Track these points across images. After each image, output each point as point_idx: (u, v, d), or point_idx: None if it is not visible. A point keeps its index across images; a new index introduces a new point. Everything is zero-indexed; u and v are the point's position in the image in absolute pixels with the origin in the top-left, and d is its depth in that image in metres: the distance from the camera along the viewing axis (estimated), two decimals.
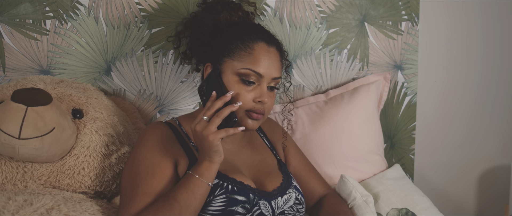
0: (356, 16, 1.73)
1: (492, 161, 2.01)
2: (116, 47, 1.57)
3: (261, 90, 1.19)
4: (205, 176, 1.10)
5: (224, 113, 1.09)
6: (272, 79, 1.21)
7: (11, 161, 1.26)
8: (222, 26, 1.29)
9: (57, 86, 1.39)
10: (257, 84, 1.20)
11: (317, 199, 1.40)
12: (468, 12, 1.90)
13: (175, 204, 1.08)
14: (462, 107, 1.96)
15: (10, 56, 1.52)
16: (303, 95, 1.73)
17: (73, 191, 1.28)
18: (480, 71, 1.95)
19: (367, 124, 1.65)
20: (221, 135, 1.08)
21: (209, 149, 1.10)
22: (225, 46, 1.22)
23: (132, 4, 1.55)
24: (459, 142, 1.98)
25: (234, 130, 1.10)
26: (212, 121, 1.09)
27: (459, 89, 1.95)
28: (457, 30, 1.91)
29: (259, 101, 1.19)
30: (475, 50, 1.93)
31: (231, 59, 1.20)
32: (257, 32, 1.24)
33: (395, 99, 1.81)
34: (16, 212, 1.06)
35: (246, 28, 1.25)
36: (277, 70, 1.22)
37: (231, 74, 1.20)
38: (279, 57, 1.24)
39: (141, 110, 1.62)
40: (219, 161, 1.11)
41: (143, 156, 1.17)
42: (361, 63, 1.75)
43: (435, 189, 1.96)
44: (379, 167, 1.65)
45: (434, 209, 1.51)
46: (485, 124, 1.98)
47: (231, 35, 1.23)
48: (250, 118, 1.19)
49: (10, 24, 1.50)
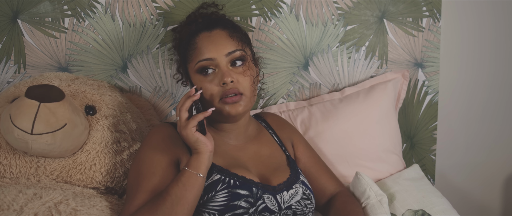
0: (375, 13, 1.69)
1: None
2: (132, 44, 1.58)
3: (221, 72, 1.20)
4: (193, 167, 1.12)
5: (185, 104, 1.14)
6: (226, 55, 1.21)
7: (25, 156, 1.29)
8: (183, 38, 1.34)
9: (72, 83, 1.42)
10: (216, 70, 1.21)
11: (328, 197, 1.37)
12: (493, 7, 1.82)
13: (167, 197, 1.10)
14: (487, 106, 1.89)
15: (30, 53, 1.56)
16: (320, 93, 1.70)
17: (84, 186, 1.30)
18: (506, 68, 1.87)
19: (384, 123, 1.61)
20: (190, 124, 1.12)
21: (189, 142, 1.13)
22: (182, 57, 1.29)
23: (148, 2, 1.57)
24: (484, 143, 1.91)
25: (202, 114, 1.13)
26: (179, 116, 1.14)
27: (485, 88, 1.88)
28: (481, 26, 1.84)
29: (223, 83, 1.19)
30: (502, 46, 1.86)
31: (189, 63, 1.26)
32: (197, 24, 1.28)
33: (416, 98, 1.76)
34: (24, 205, 1.09)
35: (184, 27, 1.32)
36: (226, 45, 1.22)
37: (194, 75, 1.24)
38: (226, 34, 1.25)
39: (156, 107, 1.63)
40: (206, 151, 1.13)
41: (145, 156, 1.20)
42: (379, 60, 1.72)
43: (458, 192, 1.90)
44: (396, 167, 1.61)
45: (452, 211, 1.46)
46: (510, 123, 1.90)
47: (181, 44, 1.30)
48: (226, 103, 1.20)
49: (30, 23, 1.54)
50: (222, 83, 1.19)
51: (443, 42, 1.78)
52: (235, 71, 1.21)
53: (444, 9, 1.74)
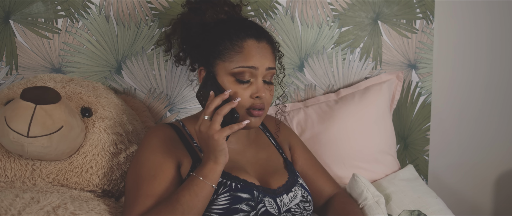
0: (369, 14, 1.70)
1: (511, 163, 1.96)
2: (126, 45, 1.57)
3: (257, 85, 1.19)
4: (209, 178, 1.09)
5: (224, 109, 1.09)
6: (267, 70, 1.20)
7: (20, 159, 1.27)
8: (210, 26, 1.28)
9: (66, 84, 1.40)
10: (253, 80, 1.19)
11: (326, 199, 1.38)
12: (487, 9, 1.84)
13: (177, 206, 1.07)
14: (480, 107, 1.91)
15: (23, 54, 1.53)
16: (315, 94, 1.71)
17: (81, 189, 1.29)
18: (498, 70, 1.89)
19: (379, 124, 1.62)
20: (225, 132, 1.07)
21: (214, 149, 1.09)
22: (215, 48, 1.21)
23: (142, 3, 1.55)
24: (476, 143, 1.93)
25: (238, 126, 1.09)
26: (214, 119, 1.08)
27: (477, 88, 1.90)
28: (474, 28, 1.85)
29: (257, 96, 1.18)
30: (494, 48, 1.88)
31: (222, 61, 1.20)
32: (245, 28, 1.22)
33: (409, 99, 1.77)
34: (22, 209, 1.07)
35: (233, 26, 1.23)
36: (270, 61, 1.21)
37: (225, 75, 1.19)
38: (270, 50, 1.23)
39: (151, 109, 1.62)
40: (224, 162, 1.10)
41: (145, 158, 1.18)
42: (374, 62, 1.73)
43: (450, 191, 1.92)
44: (391, 168, 1.62)
45: (447, 211, 1.48)
46: (503, 124, 1.93)
47: (219, 36, 1.22)
48: (251, 115, 1.19)
49: (23, 23, 1.52)
50: (255, 96, 1.18)
51: (436, 44, 1.79)
52: (265, 87, 1.20)
53: (437, 11, 1.76)
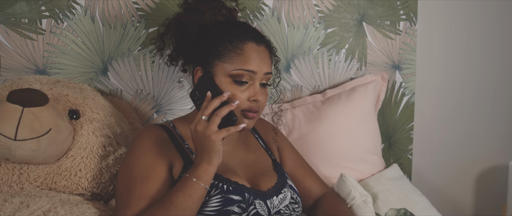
0: (354, 16, 1.72)
1: (490, 161, 2.02)
2: (112, 46, 1.55)
3: (255, 88, 1.19)
4: (202, 180, 1.09)
5: (223, 111, 1.09)
6: (264, 75, 1.21)
7: (7, 163, 1.24)
8: (208, 27, 1.28)
9: (53, 86, 1.37)
10: (250, 83, 1.20)
11: (314, 199, 1.39)
12: (466, 12, 1.90)
13: (171, 208, 1.07)
14: (460, 107, 1.96)
15: (6, 56, 1.50)
16: (301, 95, 1.72)
17: (70, 193, 1.27)
18: (478, 71, 1.95)
19: (365, 124, 1.64)
20: (222, 134, 1.07)
21: (209, 150, 1.08)
22: (214, 49, 1.21)
23: (129, 4, 1.54)
24: (457, 142, 1.98)
25: (235, 128, 1.09)
26: (212, 120, 1.08)
27: (457, 89, 1.95)
28: (455, 30, 1.90)
29: (254, 99, 1.19)
30: (473, 50, 1.93)
31: (221, 62, 1.20)
32: (245, 32, 1.23)
33: (393, 99, 1.80)
34: (12, 214, 1.05)
35: (233, 28, 1.24)
36: (268, 65, 1.22)
37: (223, 76, 1.19)
38: (268, 54, 1.25)
39: (138, 110, 1.60)
40: (217, 164, 1.10)
41: (137, 159, 1.16)
42: (359, 63, 1.75)
43: (433, 189, 1.96)
44: (377, 167, 1.65)
45: (432, 209, 1.51)
46: (483, 124, 1.98)
47: (219, 37, 1.22)
48: (246, 117, 1.19)
49: (6, 24, 1.48)
50: (252, 99, 1.18)
51: (419, 45, 1.83)
52: (261, 90, 1.21)
53: (420, 12, 1.79)
